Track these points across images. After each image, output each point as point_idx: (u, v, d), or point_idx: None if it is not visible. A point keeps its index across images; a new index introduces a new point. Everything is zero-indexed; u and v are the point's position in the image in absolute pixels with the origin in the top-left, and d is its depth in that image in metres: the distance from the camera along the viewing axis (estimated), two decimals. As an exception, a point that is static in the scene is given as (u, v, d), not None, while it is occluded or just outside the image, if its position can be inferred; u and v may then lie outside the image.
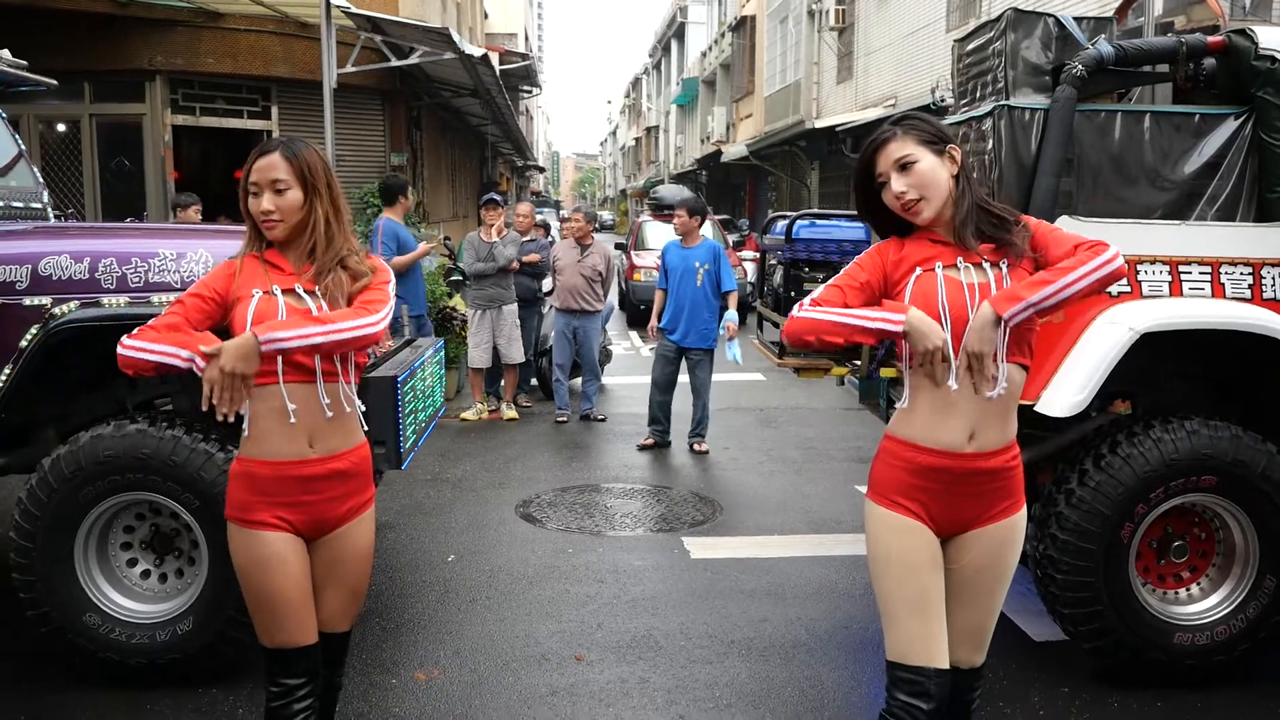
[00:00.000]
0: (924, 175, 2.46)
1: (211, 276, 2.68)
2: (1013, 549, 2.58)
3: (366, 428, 2.80)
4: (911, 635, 2.49)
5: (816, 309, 2.49)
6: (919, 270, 2.49)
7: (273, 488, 2.60)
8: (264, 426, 2.59)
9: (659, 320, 8.16)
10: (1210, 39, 4.17)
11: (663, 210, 16.23)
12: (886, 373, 4.70)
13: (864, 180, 2.58)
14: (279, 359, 2.51)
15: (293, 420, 2.56)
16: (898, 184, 2.48)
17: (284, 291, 2.60)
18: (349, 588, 2.78)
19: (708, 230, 10.11)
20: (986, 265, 2.46)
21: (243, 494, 2.63)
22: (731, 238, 15.18)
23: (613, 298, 10.96)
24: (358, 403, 2.72)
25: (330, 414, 2.60)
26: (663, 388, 8.10)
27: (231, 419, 2.46)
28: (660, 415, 8.14)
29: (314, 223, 2.63)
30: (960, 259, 2.48)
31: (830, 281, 2.61)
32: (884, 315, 2.41)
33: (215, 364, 2.41)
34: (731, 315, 7.95)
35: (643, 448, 8.09)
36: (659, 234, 15.82)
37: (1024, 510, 2.60)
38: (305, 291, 2.62)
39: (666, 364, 8.07)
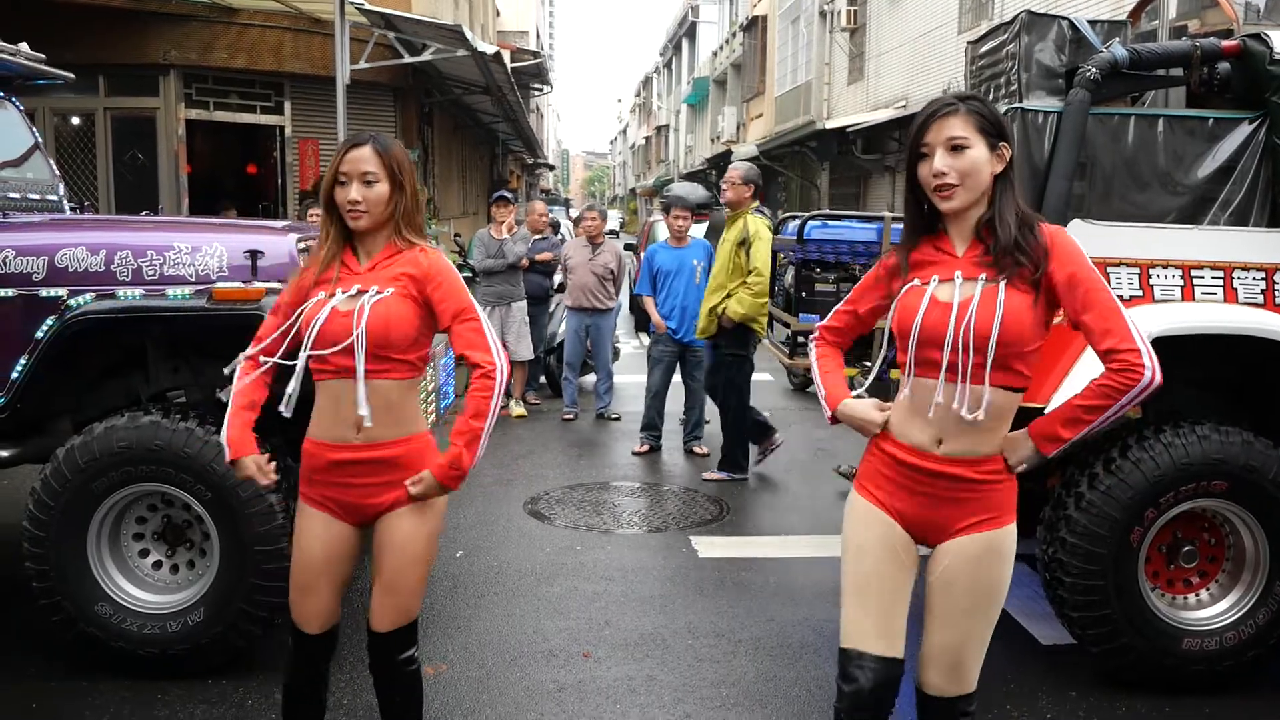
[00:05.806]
0: (970, 164, 2.33)
1: (286, 290, 2.79)
2: (990, 568, 2.45)
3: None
4: (847, 618, 2.53)
5: (817, 349, 2.80)
6: (915, 281, 2.44)
7: (318, 467, 2.71)
8: (318, 407, 2.72)
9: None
10: (1224, 43, 4.16)
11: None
12: (896, 374, 4.69)
13: (913, 147, 2.42)
14: (327, 360, 2.63)
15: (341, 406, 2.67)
16: (941, 162, 2.34)
17: (343, 291, 2.66)
18: (385, 580, 2.75)
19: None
20: (983, 279, 2.36)
21: (303, 470, 2.76)
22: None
23: (622, 297, 10.95)
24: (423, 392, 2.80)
25: (366, 409, 2.64)
26: (661, 394, 8.08)
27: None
28: (657, 420, 8.12)
29: (393, 216, 2.71)
30: (958, 272, 2.39)
31: (840, 304, 2.78)
32: (827, 394, 2.70)
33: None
34: None
35: (638, 454, 8.03)
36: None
37: (1008, 529, 2.46)
38: (361, 291, 2.66)
39: (667, 370, 8.04)
